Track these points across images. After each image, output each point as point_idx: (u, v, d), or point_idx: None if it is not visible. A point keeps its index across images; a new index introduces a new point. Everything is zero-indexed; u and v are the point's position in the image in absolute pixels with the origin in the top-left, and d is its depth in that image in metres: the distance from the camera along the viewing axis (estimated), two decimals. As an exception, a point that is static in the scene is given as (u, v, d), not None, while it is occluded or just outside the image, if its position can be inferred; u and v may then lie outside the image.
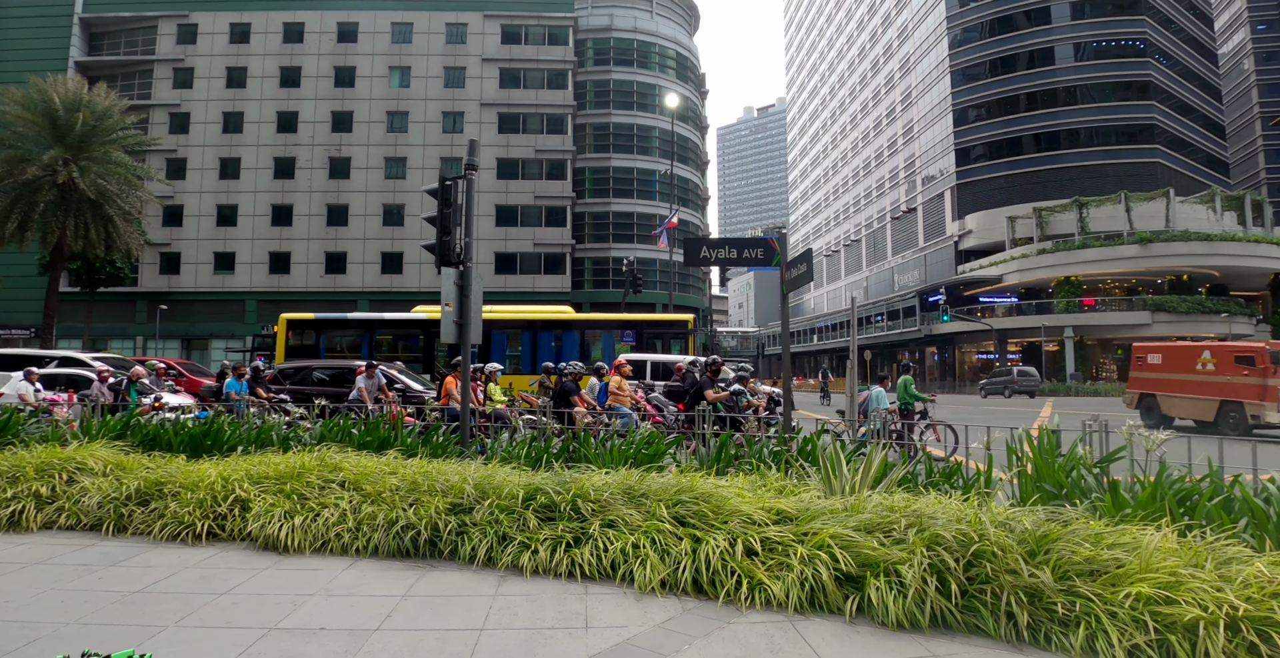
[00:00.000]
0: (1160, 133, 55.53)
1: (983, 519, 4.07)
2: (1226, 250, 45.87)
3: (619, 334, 18.87)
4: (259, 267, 45.96)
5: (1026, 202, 52.95)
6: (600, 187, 49.61)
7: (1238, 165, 77.05)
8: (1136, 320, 46.07)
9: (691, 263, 6.45)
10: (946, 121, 60.97)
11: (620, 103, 48.78)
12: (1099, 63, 55.81)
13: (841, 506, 4.65)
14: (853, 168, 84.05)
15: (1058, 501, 4.74)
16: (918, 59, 66.53)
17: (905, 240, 68.46)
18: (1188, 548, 3.72)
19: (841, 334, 70.56)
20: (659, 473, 5.70)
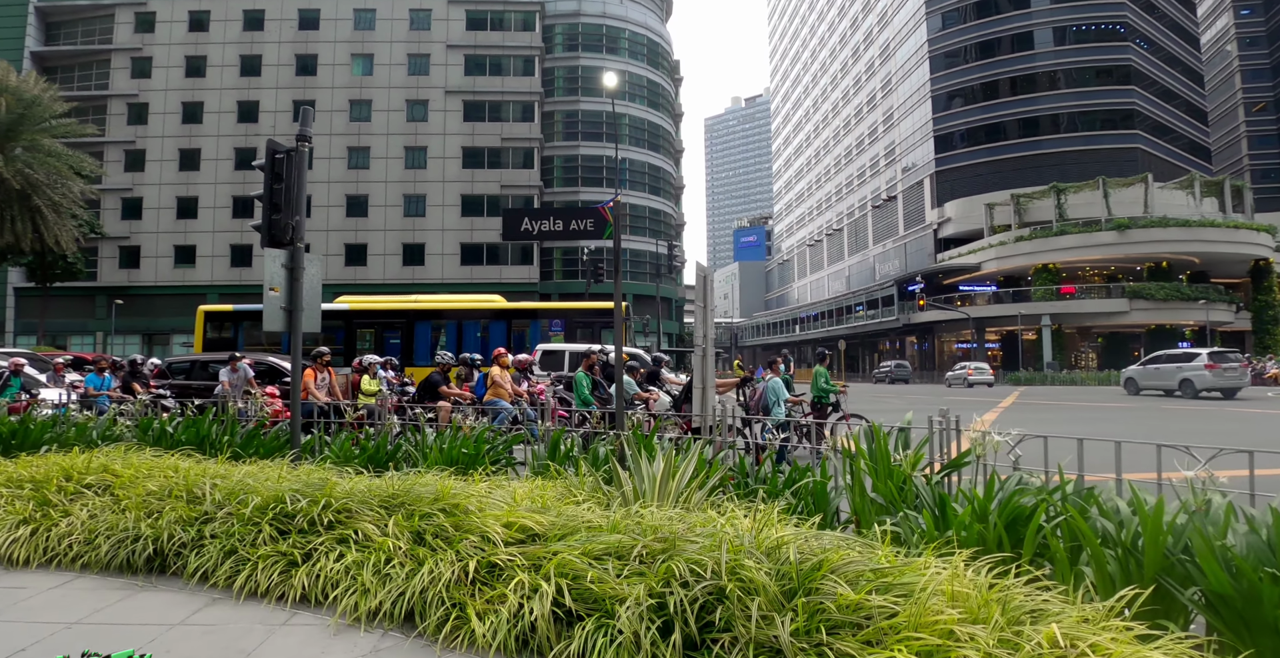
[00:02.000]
0: (1141, 118, 54.82)
1: (744, 544, 3.22)
2: (1206, 237, 45.21)
3: (548, 323, 18.05)
4: (220, 260, 44.95)
5: (1005, 189, 52.20)
6: (569, 175, 48.69)
7: (1220, 152, 76.53)
8: (1114, 308, 45.44)
9: (511, 237, 5.61)
10: (926, 108, 60.15)
11: (589, 90, 47.76)
12: (1079, 47, 55.04)
13: (607, 521, 3.82)
14: (835, 156, 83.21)
15: (889, 516, 3.91)
16: (898, 44, 65.65)
17: (886, 229, 67.71)
18: (995, 592, 2.86)
19: (824, 324, 69.89)
20: (478, 475, 5.19)
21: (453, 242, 43.81)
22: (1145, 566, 2.58)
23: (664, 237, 52.25)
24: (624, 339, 18.09)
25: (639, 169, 49.86)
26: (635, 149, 49.71)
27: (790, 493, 4.44)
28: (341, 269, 44.35)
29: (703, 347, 5.76)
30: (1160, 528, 2.57)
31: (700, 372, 5.77)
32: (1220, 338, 49.08)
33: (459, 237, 44.17)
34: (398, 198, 44.94)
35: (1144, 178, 47.55)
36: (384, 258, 43.99)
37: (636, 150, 49.76)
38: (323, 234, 44.41)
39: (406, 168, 45.12)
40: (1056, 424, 15.14)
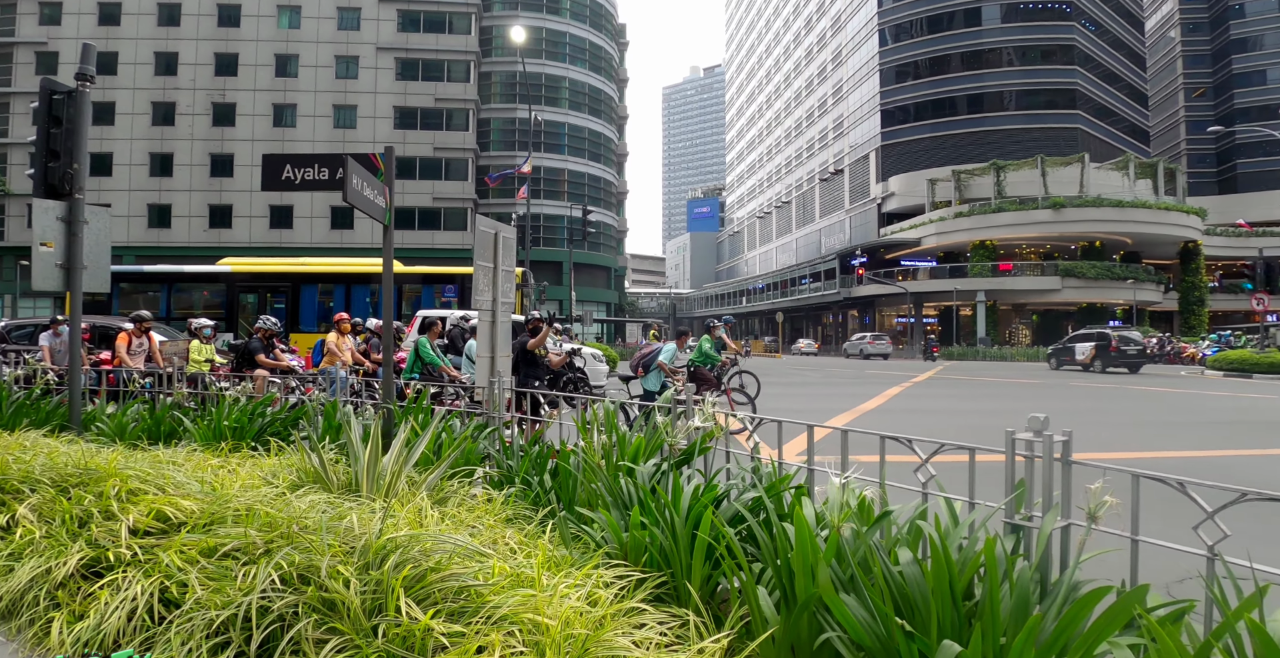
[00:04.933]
0: (1083, 99, 55.23)
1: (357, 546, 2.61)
2: (1137, 217, 45.86)
3: (440, 289, 17.19)
4: (137, 220, 42.70)
5: (948, 165, 52.28)
6: (506, 138, 47.26)
7: (1160, 135, 77.91)
8: (1047, 286, 46.02)
9: (271, 187, 4.85)
10: (874, 81, 59.76)
11: (530, 50, 46.12)
12: (1025, 25, 55.02)
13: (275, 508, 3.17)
14: (785, 128, 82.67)
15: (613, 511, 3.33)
16: (849, 16, 64.94)
17: (833, 202, 67.63)
18: (605, 629, 2.28)
19: (770, 296, 69.88)
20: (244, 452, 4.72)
21: (382, 205, 42.31)
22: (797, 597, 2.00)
23: (606, 205, 51.29)
24: (518, 308, 17.40)
25: (579, 134, 48.59)
26: (575, 113, 48.38)
27: (522, 480, 3.83)
28: (266, 232, 42.54)
29: (491, 312, 5.10)
30: (814, 548, 1.99)
31: (488, 339, 5.11)
32: (1149, 317, 50.25)
33: (390, 200, 42.65)
34: None
35: (1081, 158, 47.97)
36: (311, 221, 42.26)
37: (577, 115, 48.43)
38: (246, 195, 42.45)
39: (335, 127, 43.21)
40: (952, 401, 14.93)
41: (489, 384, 4.87)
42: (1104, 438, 9.27)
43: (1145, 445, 8.67)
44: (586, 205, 43.73)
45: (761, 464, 3.10)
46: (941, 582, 1.73)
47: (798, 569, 1.98)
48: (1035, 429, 2.00)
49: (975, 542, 1.95)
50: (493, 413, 4.82)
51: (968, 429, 10.04)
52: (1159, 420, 11.52)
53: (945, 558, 1.80)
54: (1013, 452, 2.05)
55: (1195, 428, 10.60)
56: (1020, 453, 2.07)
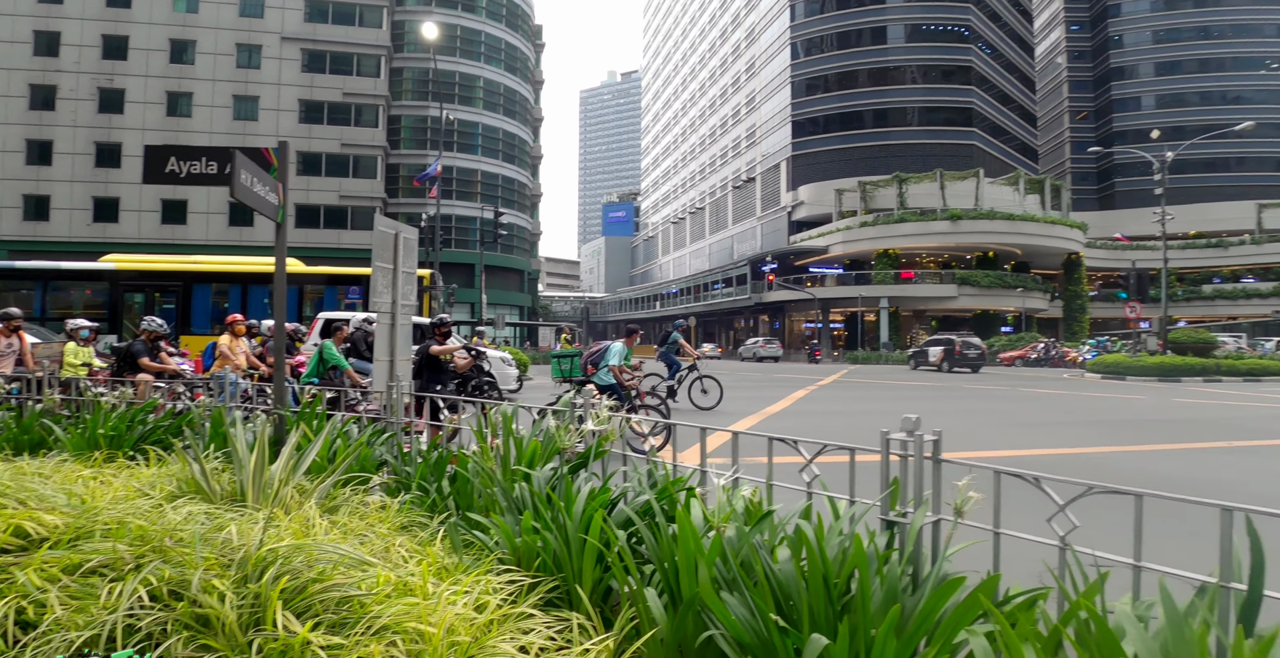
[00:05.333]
0: (979, 117, 58.25)
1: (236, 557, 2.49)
2: (1027, 230, 48.67)
3: (344, 290, 16.66)
4: (10, 211, 39.66)
5: (854, 176, 54.21)
6: (418, 137, 46.22)
7: (1047, 154, 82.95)
8: (945, 293, 48.27)
9: (154, 180, 4.59)
10: (785, 93, 61.42)
11: (444, 48, 45.28)
12: (927, 45, 57.62)
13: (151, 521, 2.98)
14: (700, 136, 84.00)
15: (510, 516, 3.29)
16: (763, 28, 66.56)
17: (745, 209, 69.11)
18: (491, 635, 2.27)
19: (684, 301, 70.71)
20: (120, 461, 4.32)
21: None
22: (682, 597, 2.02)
23: (520, 207, 50.83)
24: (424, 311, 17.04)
25: (493, 135, 48.02)
26: (490, 114, 47.79)
27: (419, 486, 3.75)
28: (157, 228, 40.21)
29: (390, 315, 4.97)
30: (698, 549, 2.01)
31: (387, 343, 4.98)
32: (1037, 323, 53.34)
33: (293, 196, 40.64)
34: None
35: (976, 173, 50.57)
36: (207, 217, 40.20)
37: (491, 115, 47.85)
38: (135, 188, 40.02)
39: (235, 119, 41.28)
40: (854, 402, 15.46)
41: (387, 389, 4.75)
42: (989, 437, 9.78)
43: (1026, 443, 9.20)
44: (499, 207, 43.27)
45: (658, 467, 3.13)
46: (815, 578, 1.79)
47: (681, 570, 2.00)
48: (908, 430, 2.10)
49: (855, 538, 2.02)
50: (391, 418, 4.70)
51: (864, 429, 10.40)
52: (1040, 420, 12.23)
53: (822, 556, 1.86)
54: (887, 451, 2.15)
55: (1072, 426, 11.31)
56: (894, 452, 2.16)
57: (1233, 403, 15.80)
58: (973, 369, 31.58)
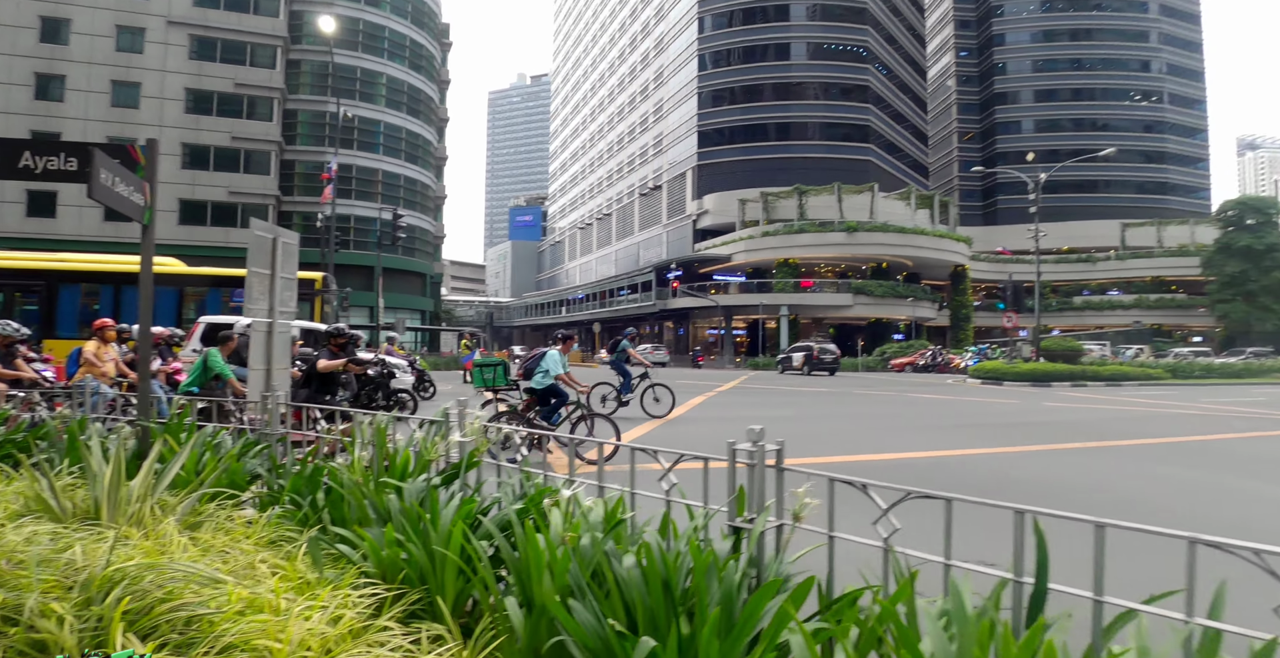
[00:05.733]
0: (874, 134, 60.89)
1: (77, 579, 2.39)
2: (917, 243, 51.20)
3: (229, 293, 15.90)
4: None
5: (757, 187, 55.68)
6: (315, 133, 44.57)
7: (937, 171, 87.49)
8: (841, 302, 50.18)
9: (5, 176, 4.29)
10: (692, 103, 62.54)
11: (345, 42, 43.86)
12: (827, 63, 59.83)
13: None
14: (608, 142, 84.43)
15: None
16: (671, 39, 67.58)
17: (651, 217, 69.88)
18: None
19: (590, 306, 70.79)
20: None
21: (169, 197, 38.32)
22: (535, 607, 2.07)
23: (424, 209, 49.76)
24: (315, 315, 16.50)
25: (395, 134, 46.81)
26: (393, 112, 46.59)
27: (291, 500, 3.66)
28: (21, 221, 37.19)
29: (267, 321, 4.82)
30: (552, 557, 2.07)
31: (262, 351, 4.83)
32: (926, 331, 56.09)
33: (178, 191, 38.74)
34: (100, 140, 38.47)
35: (871, 187, 52.86)
36: (80, 210, 37.44)
37: (394, 113, 46.65)
38: (-4, 175, 36.91)
39: (114, 105, 38.72)
40: (747, 408, 15.89)
41: (262, 399, 4.60)
42: (872, 441, 10.26)
43: (905, 447, 9.69)
44: (401, 208, 42.24)
45: (532, 476, 3.18)
46: (655, 583, 1.88)
47: (532, 580, 2.06)
48: (753, 440, 2.23)
49: (692, 544, 2.13)
50: (265, 430, 4.55)
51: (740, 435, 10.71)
52: (920, 424, 12.91)
53: (664, 561, 1.95)
54: (733, 461, 2.27)
55: (948, 430, 11.98)
56: (741, 461, 2.29)
57: (1093, 406, 17.09)
58: (829, 372, 34.92)
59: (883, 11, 63.90)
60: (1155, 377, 29.48)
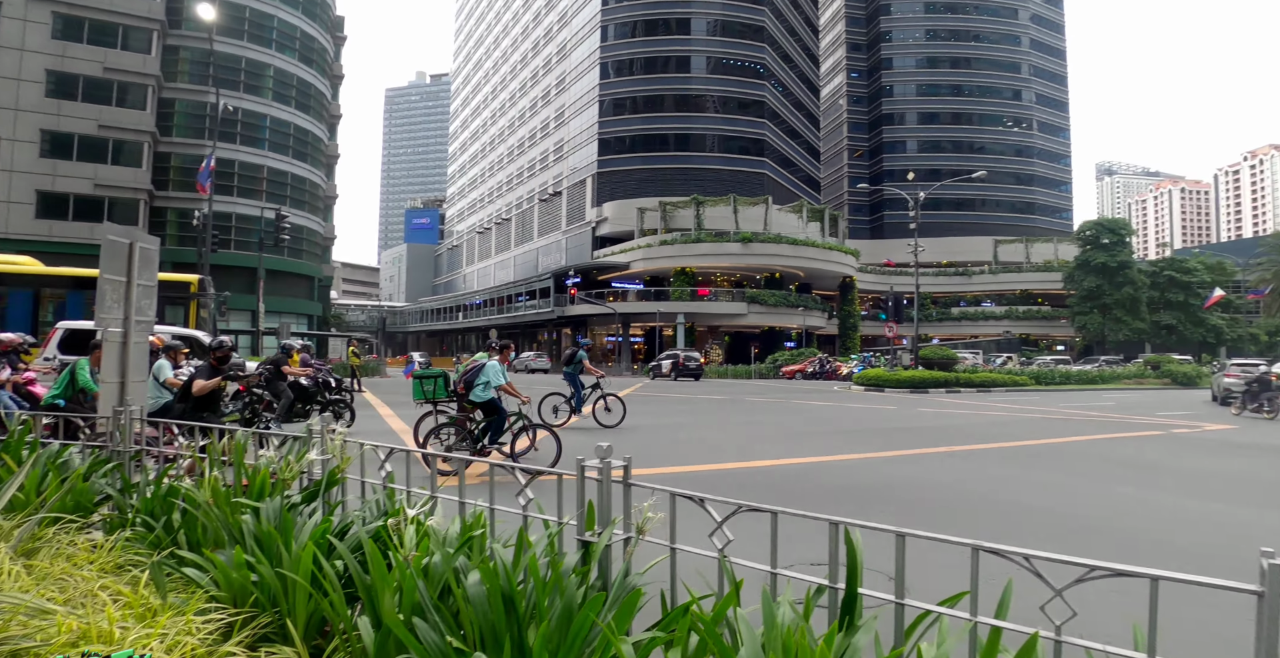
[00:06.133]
0: (770, 148, 62.83)
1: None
2: (809, 254, 53.13)
3: (91, 296, 14.79)
4: None
5: (656, 196, 56.43)
6: (195, 124, 42.14)
7: (829, 186, 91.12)
8: (736, 310, 51.46)
9: None
10: (593, 111, 62.80)
11: (228, 30, 41.65)
12: (726, 78, 61.34)
13: None
14: (509, 146, 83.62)
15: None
16: (574, 45, 67.67)
17: (551, 223, 69.66)
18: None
19: (488, 312, 69.73)
20: None
21: (25, 187, 35.34)
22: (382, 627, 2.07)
23: (312, 208, 47.84)
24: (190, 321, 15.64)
25: (283, 129, 44.80)
26: (281, 106, 44.58)
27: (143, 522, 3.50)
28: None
29: (120, 332, 4.57)
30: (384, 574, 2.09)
31: (115, 362, 4.57)
32: (817, 340, 58.18)
33: (35, 182, 35.75)
34: None
35: (766, 199, 54.51)
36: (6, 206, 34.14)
37: (282, 107, 44.65)
38: None
39: (-39, 86, 35.46)
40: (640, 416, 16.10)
41: (114, 414, 4.36)
42: (759, 448, 10.62)
43: (788, 454, 10.08)
44: (287, 207, 40.53)
45: (395, 493, 3.16)
46: (496, 599, 1.93)
47: (378, 600, 2.08)
48: (600, 457, 2.32)
49: (531, 560, 2.19)
50: (118, 447, 4.32)
51: (632, 444, 10.90)
52: (805, 430, 13.42)
53: (507, 577, 2.01)
54: (582, 476, 2.35)
55: (829, 436, 12.50)
56: (590, 477, 2.37)
57: (963, 412, 18.21)
58: (694, 378, 38.24)
59: (780, 31, 66.14)
60: (1021, 383, 31.71)
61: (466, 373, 8.78)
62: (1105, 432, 14.10)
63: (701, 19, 61.41)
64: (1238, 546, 5.26)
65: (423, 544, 2.21)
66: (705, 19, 61.38)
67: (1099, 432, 14.08)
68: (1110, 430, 14.36)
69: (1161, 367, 38.43)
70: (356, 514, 3.04)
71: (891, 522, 5.91)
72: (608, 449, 2.33)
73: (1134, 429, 14.69)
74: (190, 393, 6.94)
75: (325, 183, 50.28)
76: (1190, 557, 5.14)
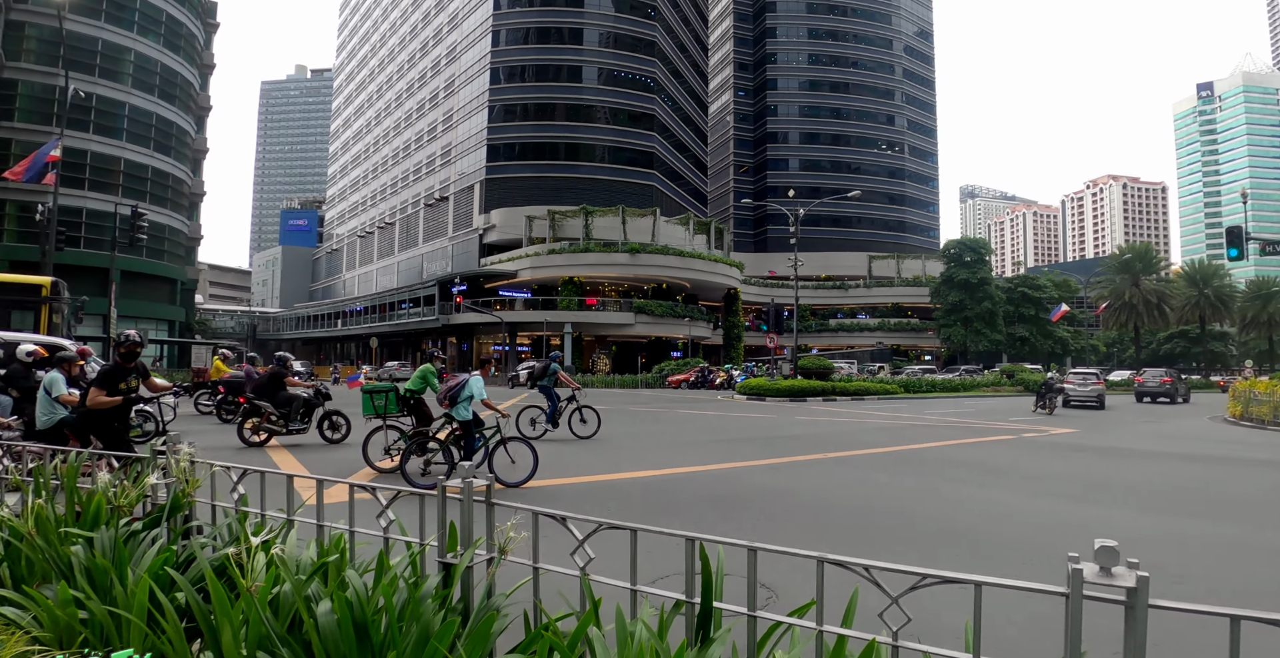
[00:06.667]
0: (659, 161, 63.82)
1: None
2: (695, 266, 54.19)
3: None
4: None
5: (545, 204, 56.14)
6: (42, 109, 38.62)
7: (715, 199, 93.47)
8: (623, 320, 51.83)
9: None
10: (482, 116, 61.94)
11: (83, 8, 38.40)
12: (617, 90, 61.91)
13: None
14: (394, 148, 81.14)
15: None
16: (464, 48, 66.55)
17: (437, 228, 68.05)
18: None
19: (369, 320, 67.22)
20: None
21: None
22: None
23: (176, 206, 44.74)
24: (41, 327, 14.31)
25: (143, 119, 41.62)
26: (141, 94, 41.46)
27: None
28: None
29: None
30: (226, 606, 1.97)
31: None
32: (702, 350, 59.36)
33: None
34: None
35: (654, 211, 55.27)
36: None
37: (143, 96, 41.52)
38: None
39: None
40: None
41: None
42: (641, 459, 10.71)
43: (669, 464, 10.22)
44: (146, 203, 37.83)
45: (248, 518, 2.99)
46: (347, 627, 1.86)
47: (220, 632, 1.96)
48: (461, 477, 2.28)
49: (383, 586, 2.13)
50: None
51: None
52: (686, 440, 13.65)
53: (361, 605, 1.94)
54: (443, 497, 2.30)
55: (710, 445, 12.75)
56: (452, 496, 2.33)
57: (838, 420, 19.02)
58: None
59: (671, 46, 67.45)
60: (891, 391, 33.49)
61: (450, 389, 8.65)
62: (964, 437, 15.08)
63: (594, 30, 61.77)
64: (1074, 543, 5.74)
65: (271, 573, 2.10)
66: (598, 30, 61.78)
67: (959, 437, 15.04)
68: (969, 436, 15.37)
69: (1015, 375, 41.52)
70: (203, 542, 2.86)
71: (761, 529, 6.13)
72: (470, 469, 2.29)
73: (989, 434, 15.79)
74: (87, 416, 6.06)
75: (191, 179, 47.13)
76: (1033, 554, 5.56)
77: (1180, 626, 3.51)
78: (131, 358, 6.21)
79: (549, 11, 61.22)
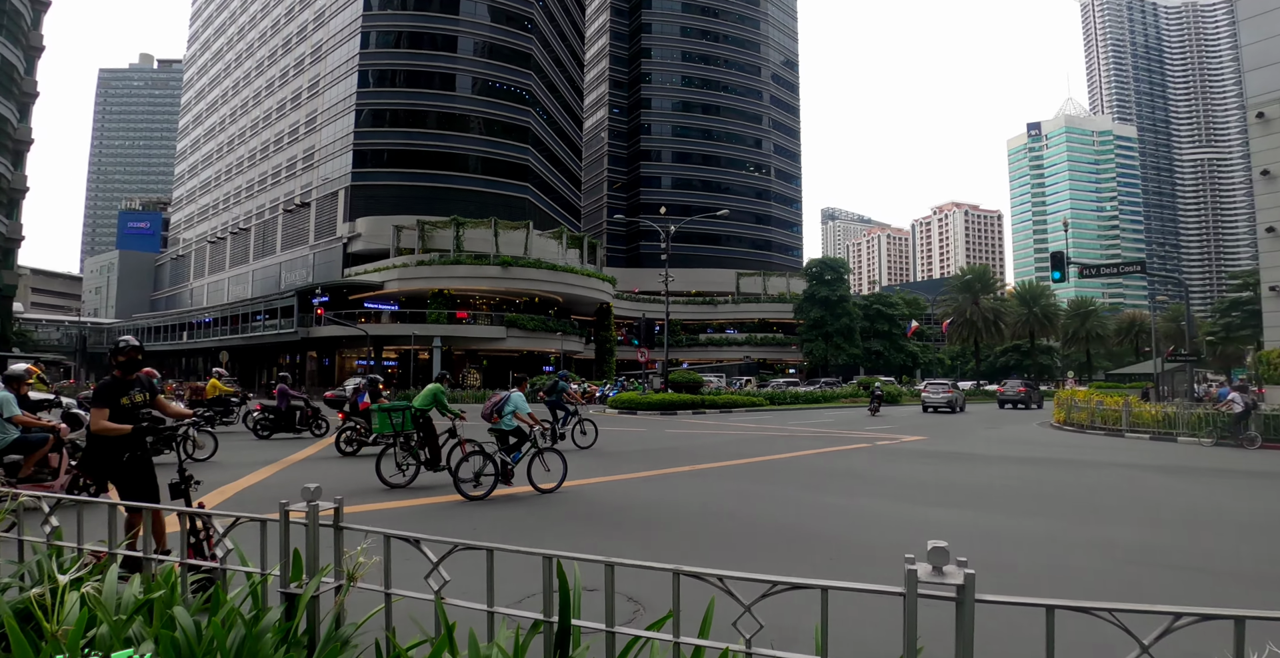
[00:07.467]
0: (533, 175, 63.51)
1: None
2: (568, 280, 54.12)
3: None
4: None
5: (415, 214, 54.50)
6: None
7: (589, 214, 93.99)
8: (494, 334, 50.99)
9: None
10: (349, 120, 59.56)
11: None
12: (491, 100, 61.19)
13: None
14: (250, 149, 76.40)
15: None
16: (331, 48, 63.79)
17: (297, 235, 64.58)
18: None
19: (220, 332, 62.65)
20: None
21: None
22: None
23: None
24: None
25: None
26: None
27: None
28: None
29: None
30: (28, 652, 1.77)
31: None
32: (575, 364, 59.24)
33: None
34: None
35: (527, 224, 54.85)
36: None
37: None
38: None
39: None
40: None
41: None
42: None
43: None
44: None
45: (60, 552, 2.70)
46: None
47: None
48: (306, 499, 2.16)
49: (213, 622, 1.98)
50: None
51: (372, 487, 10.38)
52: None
53: (189, 645, 1.79)
54: (285, 521, 2.17)
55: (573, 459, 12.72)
56: (295, 522, 2.20)
57: (706, 432, 19.47)
58: None
59: (546, 60, 67.44)
60: (758, 404, 34.70)
61: (494, 403, 9.61)
62: (824, 446, 15.81)
63: (469, 39, 60.87)
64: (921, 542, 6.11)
65: (82, 614, 1.90)
66: (472, 39, 60.93)
67: (819, 446, 15.75)
68: (829, 445, 16.12)
69: (871, 386, 44.10)
70: (6, 583, 2.56)
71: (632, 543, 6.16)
72: (316, 491, 2.17)
73: (848, 443, 16.63)
74: (96, 443, 4.86)
75: (11, 172, 42.47)
76: (883, 555, 5.87)
77: (1015, 617, 3.81)
78: (132, 368, 5.03)
79: (422, 16, 59.84)
